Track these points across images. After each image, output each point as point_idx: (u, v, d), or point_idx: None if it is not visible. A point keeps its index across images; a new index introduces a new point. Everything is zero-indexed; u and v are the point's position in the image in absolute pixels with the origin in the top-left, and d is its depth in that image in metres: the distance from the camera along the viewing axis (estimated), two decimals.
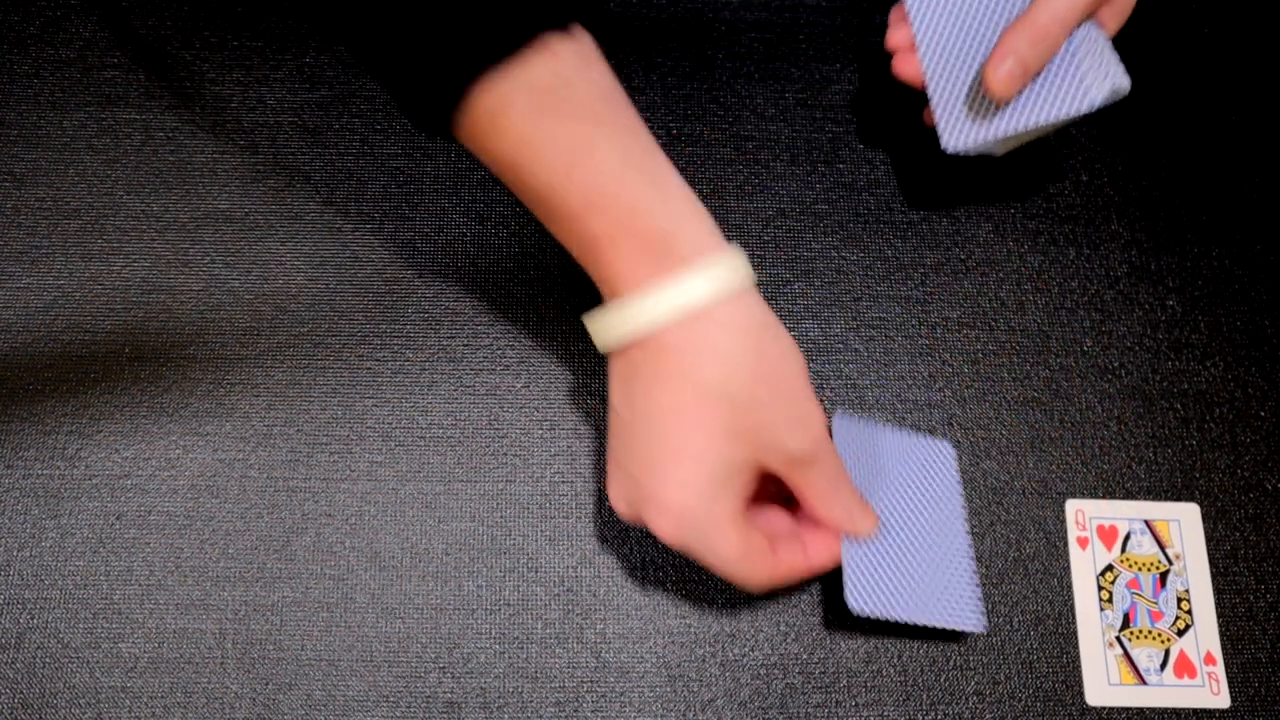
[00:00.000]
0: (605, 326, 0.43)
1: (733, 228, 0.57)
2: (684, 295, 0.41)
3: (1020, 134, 0.51)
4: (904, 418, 0.53)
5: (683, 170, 0.58)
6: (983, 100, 0.50)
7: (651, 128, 0.58)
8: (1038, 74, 0.49)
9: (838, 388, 0.54)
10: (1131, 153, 0.59)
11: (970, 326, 0.56)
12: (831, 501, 0.46)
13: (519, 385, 0.53)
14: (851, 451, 0.50)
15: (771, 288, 0.56)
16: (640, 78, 0.59)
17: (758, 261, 0.56)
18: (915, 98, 0.54)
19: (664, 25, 0.61)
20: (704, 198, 0.57)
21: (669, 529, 0.43)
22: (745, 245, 0.56)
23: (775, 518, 0.48)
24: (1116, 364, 0.55)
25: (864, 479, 0.50)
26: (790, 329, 0.55)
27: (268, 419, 0.52)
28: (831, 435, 0.50)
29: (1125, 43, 0.60)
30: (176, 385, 0.53)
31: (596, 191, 0.41)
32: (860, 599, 0.46)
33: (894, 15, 0.55)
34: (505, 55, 0.39)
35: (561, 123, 0.40)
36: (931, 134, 0.53)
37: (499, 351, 0.54)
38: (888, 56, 0.54)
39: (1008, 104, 0.50)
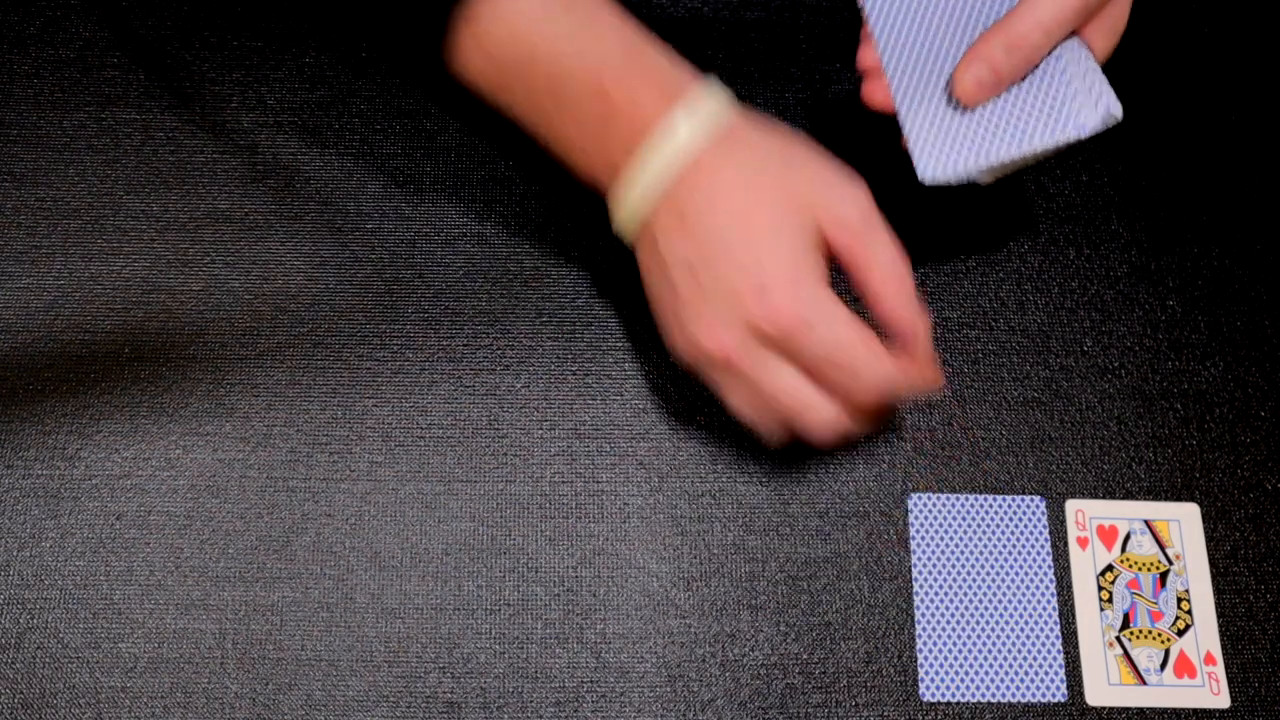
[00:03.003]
0: (647, 174, 0.44)
1: None
2: (706, 111, 0.44)
3: (1005, 163, 0.47)
4: (903, 418, 0.53)
5: None
6: (963, 126, 0.47)
7: None
8: (1013, 85, 0.47)
9: None
10: (1131, 153, 0.59)
11: (970, 326, 0.56)
12: (900, 284, 0.44)
13: (519, 385, 0.53)
14: (936, 527, 0.51)
15: None
16: None
17: None
18: (893, 124, 0.51)
19: (664, 25, 0.61)
20: None
21: (784, 301, 0.42)
22: None
23: None
24: (1116, 364, 0.55)
25: (948, 551, 0.51)
26: None
27: (268, 419, 0.52)
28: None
29: (1125, 43, 0.60)
30: (176, 385, 0.53)
31: (602, 51, 0.44)
32: (935, 687, 0.48)
33: (865, 31, 0.51)
34: None
35: (565, 6, 0.44)
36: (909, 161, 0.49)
37: (499, 351, 0.54)
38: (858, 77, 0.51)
39: (991, 129, 0.46)
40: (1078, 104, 0.45)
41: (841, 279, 0.45)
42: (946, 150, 0.47)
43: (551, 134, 0.47)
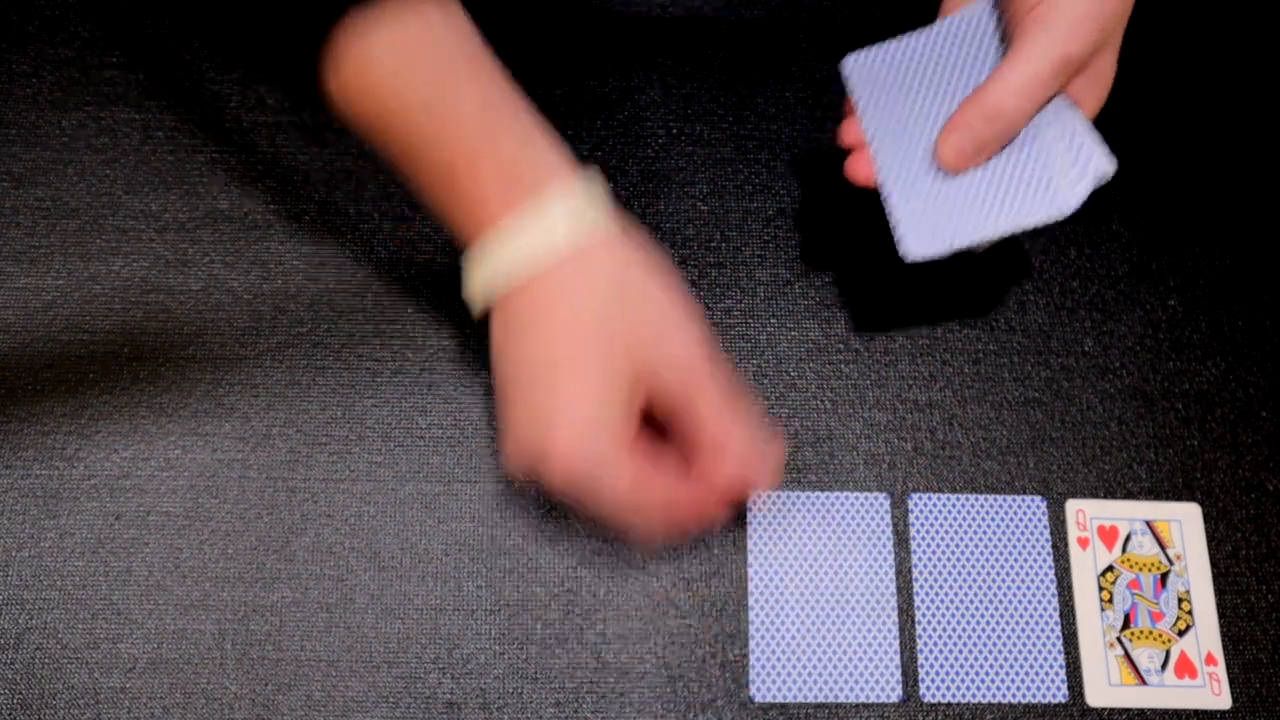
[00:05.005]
0: (479, 268, 0.43)
1: (733, 228, 0.57)
2: (548, 225, 0.41)
3: (990, 240, 0.46)
4: (904, 418, 0.53)
5: (682, 170, 0.58)
6: (948, 203, 0.46)
7: (652, 127, 0.59)
8: (995, 152, 0.46)
9: (838, 388, 0.54)
10: (1131, 153, 0.59)
11: (970, 326, 0.56)
12: (728, 417, 0.43)
13: None
14: (936, 527, 0.51)
15: (771, 288, 0.56)
16: (640, 77, 0.59)
17: (758, 261, 0.56)
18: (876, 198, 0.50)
19: (664, 25, 0.61)
20: (704, 198, 0.57)
21: (562, 458, 0.41)
22: (745, 245, 0.56)
23: (672, 462, 0.45)
24: (1117, 364, 0.55)
25: (948, 551, 0.51)
26: (790, 329, 0.55)
27: (267, 419, 0.52)
28: None
29: (1126, 42, 0.60)
30: (176, 385, 0.53)
31: (456, 123, 0.41)
32: (935, 687, 0.48)
33: (849, 105, 0.51)
34: (374, 2, 0.40)
35: (426, 72, 0.41)
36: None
37: None
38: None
39: (976, 208, 0.45)
40: (1067, 178, 0.44)
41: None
42: (930, 228, 0.46)
43: (416, 191, 0.44)
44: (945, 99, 0.47)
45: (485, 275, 0.43)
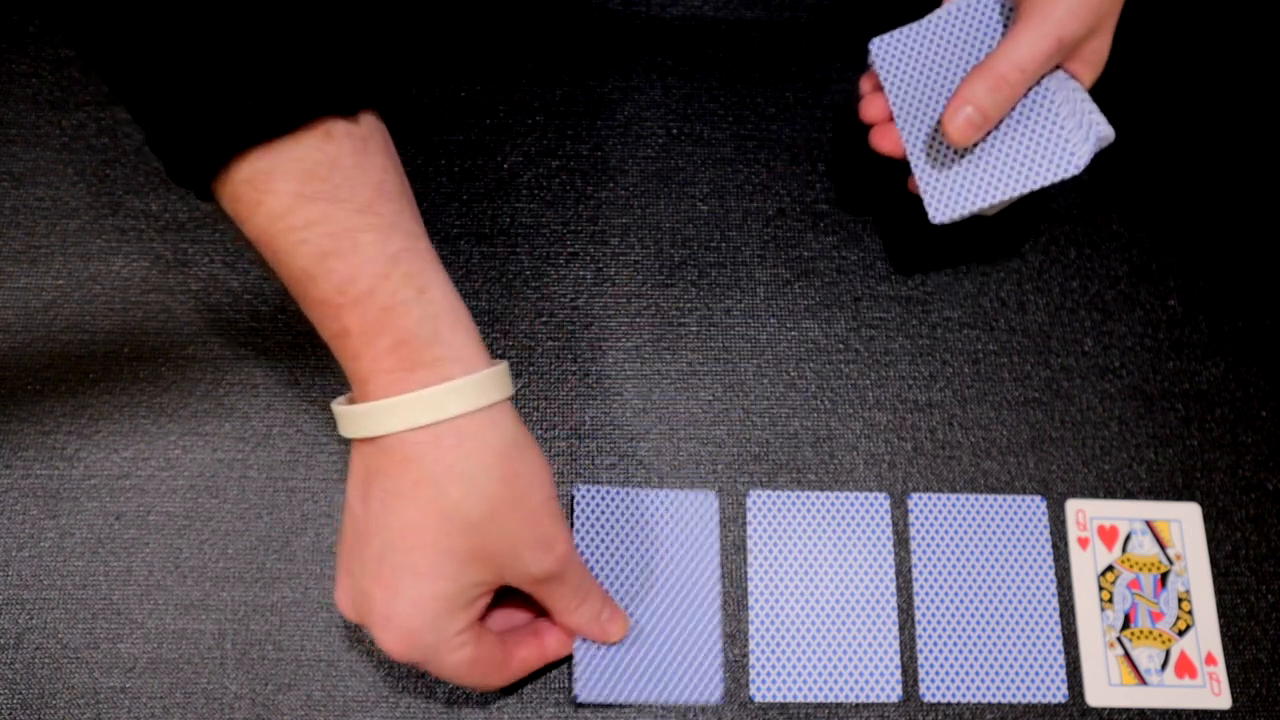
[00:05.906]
0: (351, 422, 0.41)
1: (733, 227, 0.57)
2: (432, 408, 0.39)
3: (1008, 200, 0.49)
4: (904, 418, 0.53)
5: (682, 170, 0.58)
6: (968, 169, 0.49)
7: (651, 128, 0.58)
8: (1003, 123, 0.48)
9: (838, 388, 0.54)
10: (1131, 153, 0.59)
11: (970, 326, 0.56)
12: (578, 611, 0.46)
13: (519, 386, 0.53)
14: (936, 527, 0.50)
15: (771, 288, 0.56)
16: (640, 77, 0.59)
17: (758, 261, 0.56)
18: (898, 166, 0.53)
19: (664, 25, 0.61)
20: (704, 198, 0.57)
21: (395, 646, 0.41)
22: (745, 245, 0.56)
23: (513, 611, 0.47)
24: (1117, 364, 0.55)
25: (948, 551, 0.51)
26: (790, 329, 0.55)
27: (267, 419, 0.52)
28: None
29: (1126, 41, 0.60)
30: (176, 385, 0.53)
31: (352, 284, 0.39)
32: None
33: (865, 84, 0.54)
34: (278, 133, 0.37)
35: (324, 208, 0.38)
36: (918, 201, 0.51)
37: (499, 352, 0.54)
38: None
39: (994, 171, 0.49)
40: (1071, 140, 0.47)
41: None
42: (954, 193, 0.49)
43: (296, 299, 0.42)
44: (958, 75, 0.50)
45: (361, 424, 0.40)
